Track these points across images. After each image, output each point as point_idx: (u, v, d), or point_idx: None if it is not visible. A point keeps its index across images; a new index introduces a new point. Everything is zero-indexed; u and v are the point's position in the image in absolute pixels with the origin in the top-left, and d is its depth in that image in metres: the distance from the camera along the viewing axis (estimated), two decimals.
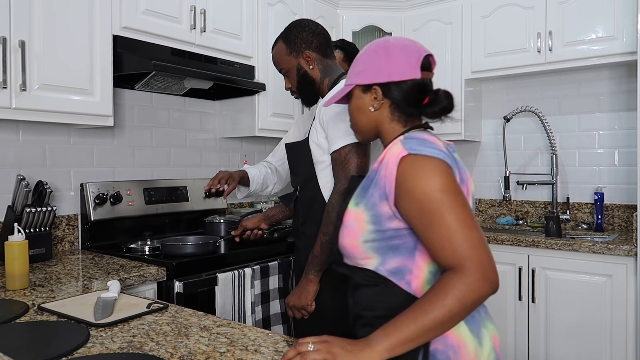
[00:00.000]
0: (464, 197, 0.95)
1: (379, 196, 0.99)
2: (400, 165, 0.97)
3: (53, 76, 1.76)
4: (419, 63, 1.07)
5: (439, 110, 1.08)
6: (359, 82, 1.11)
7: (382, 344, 0.86)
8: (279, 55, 1.73)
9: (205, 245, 2.00)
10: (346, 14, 3.15)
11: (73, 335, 1.05)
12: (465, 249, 0.90)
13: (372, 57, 1.10)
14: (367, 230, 1.01)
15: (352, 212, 1.04)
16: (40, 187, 1.88)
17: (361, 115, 1.14)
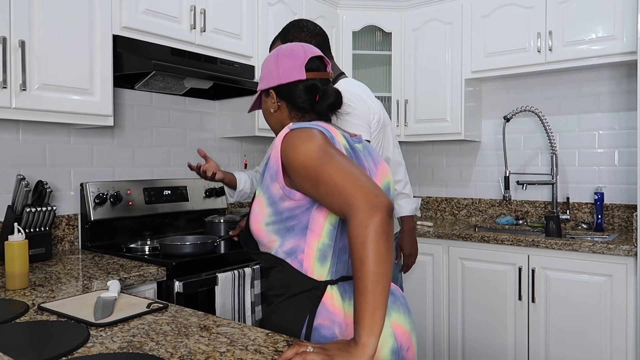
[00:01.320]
0: (340, 152, 1.03)
1: (270, 177, 1.07)
2: (283, 141, 1.05)
3: (53, 76, 1.76)
4: (303, 65, 1.17)
5: (327, 107, 1.19)
6: (260, 87, 1.25)
7: (362, 333, 0.89)
8: None
9: (205, 245, 2.00)
10: (346, 13, 3.15)
11: (73, 335, 1.05)
12: (348, 187, 0.94)
13: (267, 64, 1.22)
14: (266, 213, 1.08)
15: (256, 197, 1.12)
16: (40, 186, 1.88)
17: (268, 117, 1.26)
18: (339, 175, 0.96)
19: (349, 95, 1.57)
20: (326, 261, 1.07)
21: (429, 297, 2.80)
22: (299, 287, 1.08)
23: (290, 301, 1.09)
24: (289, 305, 1.09)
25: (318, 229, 1.06)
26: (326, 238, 1.06)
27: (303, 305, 1.07)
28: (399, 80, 3.22)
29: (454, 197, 3.39)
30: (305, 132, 1.05)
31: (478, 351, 2.63)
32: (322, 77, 1.20)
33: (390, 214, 0.92)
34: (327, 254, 1.07)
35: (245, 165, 2.99)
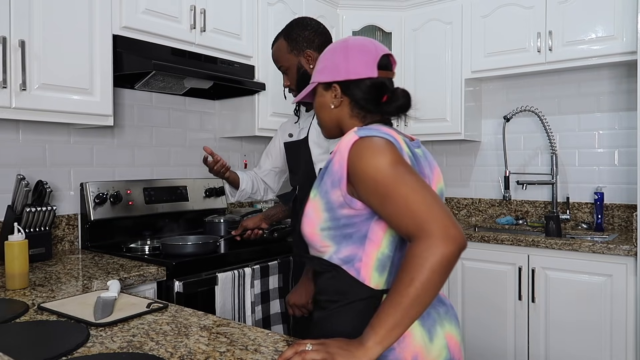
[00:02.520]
0: (412, 169, 0.98)
1: (331, 183, 1.02)
2: (352, 149, 1.00)
3: (53, 76, 1.76)
4: (376, 62, 1.11)
5: (395, 109, 1.12)
6: (320, 80, 1.15)
7: (372, 339, 0.88)
8: (280, 53, 1.73)
9: (205, 245, 2.00)
10: (346, 13, 3.15)
11: (73, 335, 1.05)
12: (423, 212, 0.90)
13: (332, 56, 1.14)
14: (322, 218, 1.04)
15: (310, 200, 1.07)
16: (40, 186, 1.88)
17: (323, 112, 1.17)
18: (413, 198, 0.92)
19: None
20: (384, 271, 1.03)
21: None
22: (355, 295, 1.03)
23: (347, 308, 1.04)
24: (347, 312, 1.04)
25: (378, 239, 1.02)
26: (386, 249, 1.02)
27: (361, 313, 1.02)
28: (399, 80, 3.19)
29: (454, 196, 3.39)
30: (376, 143, 0.99)
31: (478, 351, 2.63)
32: (390, 76, 1.16)
33: (461, 251, 0.90)
34: (386, 265, 1.03)
35: (245, 165, 2.99)
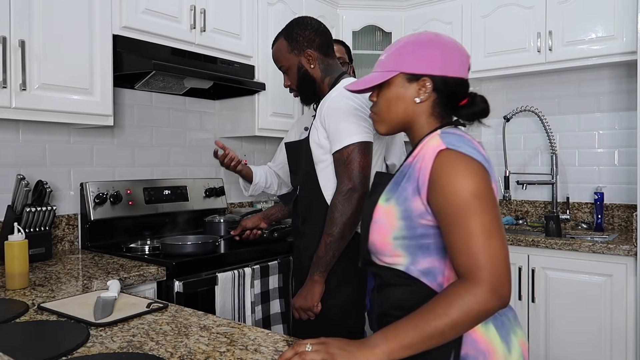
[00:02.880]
0: (495, 205, 0.92)
1: (412, 191, 0.96)
2: (437, 159, 0.93)
3: (53, 76, 1.76)
4: (468, 63, 1.09)
5: (471, 114, 1.08)
6: (407, 70, 1.04)
7: (381, 347, 0.85)
8: (280, 53, 1.72)
9: (205, 245, 2.00)
10: (346, 13, 3.15)
11: (73, 335, 1.05)
12: (482, 258, 0.86)
13: (425, 48, 1.05)
14: (397, 226, 0.98)
15: (382, 207, 1.01)
16: (40, 186, 1.88)
17: (399, 105, 1.06)
18: (479, 239, 0.87)
19: (350, 95, 1.57)
20: None
21: None
22: None
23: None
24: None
25: None
26: None
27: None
28: None
29: None
30: (466, 162, 0.93)
31: None
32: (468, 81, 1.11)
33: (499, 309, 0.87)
34: None
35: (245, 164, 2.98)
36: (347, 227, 1.52)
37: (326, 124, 1.58)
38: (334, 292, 1.58)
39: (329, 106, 1.59)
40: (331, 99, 1.60)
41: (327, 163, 1.61)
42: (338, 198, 1.53)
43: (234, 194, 2.92)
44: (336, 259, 1.55)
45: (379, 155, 1.66)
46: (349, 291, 1.60)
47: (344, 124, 1.54)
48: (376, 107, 1.11)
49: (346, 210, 1.51)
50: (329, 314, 1.58)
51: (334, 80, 1.69)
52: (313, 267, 1.57)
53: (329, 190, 1.61)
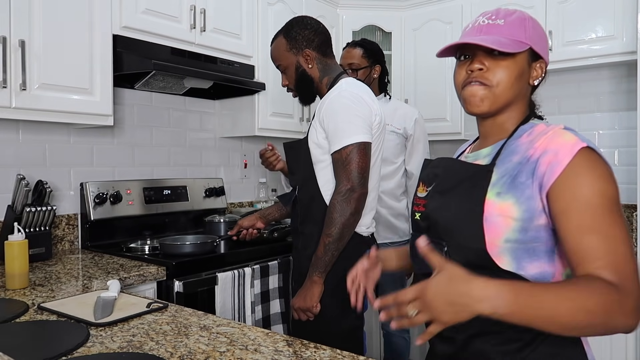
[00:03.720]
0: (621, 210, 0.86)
1: (539, 186, 0.86)
2: (578, 156, 0.84)
3: (53, 75, 1.76)
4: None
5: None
6: (536, 46, 0.95)
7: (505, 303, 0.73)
8: (278, 51, 1.72)
9: (205, 245, 2.00)
10: (346, 13, 3.15)
11: (73, 335, 1.05)
12: (630, 270, 0.79)
13: (540, 27, 0.98)
14: (512, 227, 0.87)
15: (495, 203, 0.89)
16: (40, 186, 1.88)
17: (519, 82, 0.95)
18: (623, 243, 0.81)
19: (349, 95, 1.57)
20: None
21: None
22: None
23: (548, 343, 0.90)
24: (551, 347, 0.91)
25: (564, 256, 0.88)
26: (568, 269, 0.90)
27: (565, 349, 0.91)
28: (399, 80, 3.22)
29: None
30: (607, 166, 0.86)
31: None
32: None
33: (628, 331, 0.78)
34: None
35: (245, 165, 2.99)
36: (345, 228, 1.53)
37: (325, 124, 1.58)
38: (333, 291, 1.58)
39: (327, 106, 1.59)
40: (330, 99, 1.60)
41: (326, 163, 1.61)
42: (337, 198, 1.53)
43: (234, 194, 2.92)
44: (335, 259, 1.55)
45: (377, 156, 1.66)
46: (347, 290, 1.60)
47: (343, 124, 1.54)
48: (489, 78, 0.94)
49: (345, 210, 1.51)
50: (328, 314, 1.58)
51: (332, 80, 1.69)
52: (312, 267, 1.57)
53: (328, 190, 1.61)
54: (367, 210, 1.64)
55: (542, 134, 0.90)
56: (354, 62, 2.31)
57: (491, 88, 0.94)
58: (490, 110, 0.96)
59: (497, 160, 0.93)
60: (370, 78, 2.33)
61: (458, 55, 1.03)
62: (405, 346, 2.43)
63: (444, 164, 1.05)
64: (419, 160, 2.32)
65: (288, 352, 0.99)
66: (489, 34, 0.94)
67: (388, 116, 2.33)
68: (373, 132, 1.59)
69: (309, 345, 1.02)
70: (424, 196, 1.03)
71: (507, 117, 0.98)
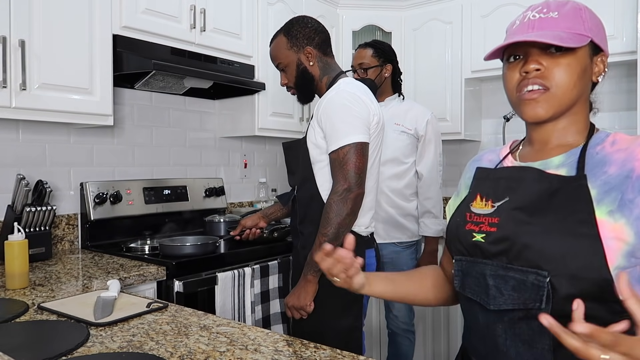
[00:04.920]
0: None
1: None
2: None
3: (53, 75, 1.76)
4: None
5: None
6: (596, 39, 0.84)
7: None
8: (279, 50, 1.72)
9: (205, 245, 2.00)
10: (346, 13, 3.15)
11: (73, 335, 1.05)
12: None
13: (598, 20, 0.86)
14: (622, 252, 0.74)
15: (608, 224, 0.75)
16: (40, 186, 1.88)
17: (582, 81, 0.84)
18: None
19: (347, 95, 1.57)
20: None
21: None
22: None
23: None
24: None
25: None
26: None
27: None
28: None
29: None
30: None
31: None
32: None
33: None
34: None
35: (245, 165, 2.99)
36: (341, 228, 1.53)
37: (322, 124, 1.58)
38: (331, 291, 1.58)
39: (325, 106, 1.59)
40: (328, 99, 1.60)
41: (324, 163, 1.61)
42: (333, 198, 1.53)
43: (234, 193, 2.93)
44: None
45: (376, 156, 1.66)
46: (347, 290, 1.60)
47: (340, 124, 1.54)
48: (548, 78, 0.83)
49: (341, 210, 1.51)
50: (327, 313, 1.58)
51: (331, 79, 1.69)
52: (307, 266, 1.57)
53: (326, 190, 1.61)
54: (366, 210, 1.64)
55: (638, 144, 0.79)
56: (364, 62, 2.32)
57: (552, 90, 0.83)
58: (553, 115, 0.85)
59: (588, 172, 0.80)
60: (381, 77, 2.33)
61: (507, 57, 0.90)
62: (410, 347, 2.43)
63: (507, 175, 0.89)
64: (430, 162, 2.32)
65: (288, 352, 0.99)
66: (543, 29, 0.83)
67: (400, 116, 2.33)
68: (371, 132, 1.59)
69: (309, 345, 1.02)
70: (490, 213, 0.86)
71: (571, 120, 0.87)
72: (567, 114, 0.86)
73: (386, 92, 2.38)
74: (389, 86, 2.38)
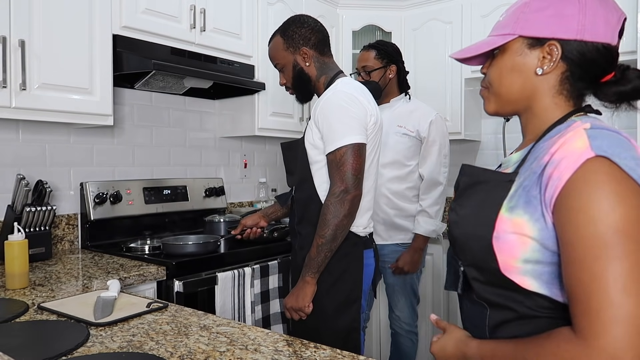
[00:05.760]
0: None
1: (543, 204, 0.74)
2: (580, 170, 0.69)
3: (53, 75, 1.76)
4: (619, 25, 0.80)
5: (631, 91, 0.80)
6: (526, 32, 0.82)
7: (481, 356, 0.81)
8: (275, 50, 1.73)
9: (205, 245, 2.00)
10: (346, 13, 3.15)
11: (73, 335, 1.05)
12: (601, 317, 0.64)
13: (554, 2, 0.80)
14: (530, 247, 0.75)
15: (506, 219, 0.77)
16: (40, 186, 1.88)
17: (515, 77, 0.85)
18: (611, 293, 0.64)
19: (343, 96, 1.57)
20: None
21: (428, 293, 2.80)
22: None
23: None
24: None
25: None
26: None
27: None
28: None
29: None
30: (621, 181, 0.67)
31: None
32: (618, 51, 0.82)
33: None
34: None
35: (245, 164, 2.99)
36: (339, 229, 1.52)
37: (319, 125, 1.58)
38: (329, 292, 1.58)
39: (322, 107, 1.58)
40: (325, 99, 1.59)
41: (322, 164, 1.61)
42: (330, 200, 1.53)
43: (234, 193, 2.93)
44: (328, 259, 1.55)
45: (373, 157, 1.66)
46: (345, 289, 1.60)
47: (338, 125, 1.53)
48: (486, 80, 0.90)
49: (338, 212, 1.51)
50: (325, 313, 1.58)
51: (329, 79, 1.69)
52: (305, 268, 1.57)
53: (324, 190, 1.60)
54: (364, 211, 1.64)
55: (565, 135, 0.76)
56: (367, 64, 2.30)
57: (487, 90, 0.91)
58: (498, 111, 0.90)
59: (521, 169, 0.81)
60: (385, 79, 2.30)
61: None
62: (412, 347, 2.42)
63: (469, 172, 0.93)
64: (432, 164, 2.27)
65: (288, 351, 0.99)
66: (491, 33, 0.89)
67: (403, 118, 2.30)
68: (368, 133, 1.59)
69: (309, 345, 1.02)
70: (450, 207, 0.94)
71: (535, 114, 0.86)
72: (526, 111, 0.88)
73: (392, 93, 2.36)
74: (394, 87, 2.36)
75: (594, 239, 0.67)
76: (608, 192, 0.67)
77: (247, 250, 2.07)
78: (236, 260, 2.02)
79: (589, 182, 0.68)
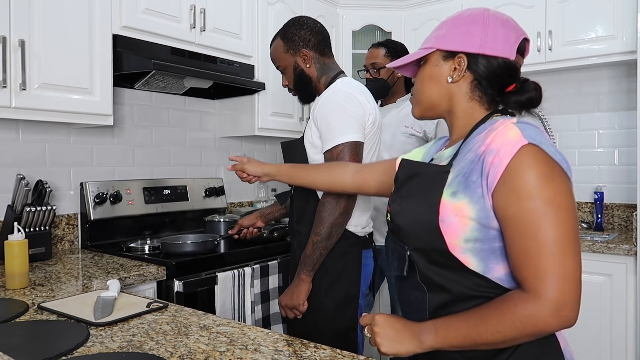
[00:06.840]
0: (574, 216, 0.81)
1: (487, 186, 0.85)
2: (517, 155, 0.82)
3: (53, 75, 1.76)
4: (517, 43, 0.94)
5: (526, 101, 0.94)
6: (442, 46, 0.97)
7: (429, 342, 0.87)
8: (276, 53, 1.73)
9: (205, 245, 2.00)
10: (346, 13, 3.15)
11: (73, 335, 1.05)
12: (550, 277, 0.78)
13: (465, 23, 0.96)
14: (470, 227, 0.86)
15: (450, 204, 0.87)
16: (40, 186, 1.88)
17: (432, 85, 1.00)
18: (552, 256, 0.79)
19: (342, 95, 1.57)
20: None
21: None
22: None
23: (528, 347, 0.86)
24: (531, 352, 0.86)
25: None
26: None
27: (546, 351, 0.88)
28: None
29: None
30: (548, 164, 0.82)
31: None
32: (521, 64, 0.97)
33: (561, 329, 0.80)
34: None
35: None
36: (334, 227, 1.53)
37: (318, 123, 1.58)
38: (327, 290, 1.58)
39: (321, 105, 1.59)
40: (324, 98, 1.60)
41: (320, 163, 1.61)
42: (326, 198, 1.53)
43: (233, 193, 2.93)
44: (323, 257, 1.55)
45: (371, 156, 1.66)
46: (343, 289, 1.60)
47: (335, 123, 1.54)
48: (413, 88, 1.06)
49: (334, 210, 1.51)
50: (322, 314, 1.58)
51: (330, 79, 1.69)
52: (300, 265, 1.57)
53: None
54: (363, 210, 1.65)
55: (494, 129, 0.89)
56: (376, 62, 2.31)
57: (413, 97, 1.05)
58: (423, 115, 1.05)
59: (454, 161, 0.93)
60: (393, 77, 2.31)
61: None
62: None
63: (407, 165, 1.05)
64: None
65: (288, 351, 0.99)
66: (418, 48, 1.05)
67: (410, 118, 2.28)
68: (366, 132, 1.59)
69: (309, 345, 1.02)
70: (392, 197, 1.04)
71: (456, 117, 1.00)
72: (449, 114, 1.01)
73: (399, 93, 2.37)
74: (401, 86, 2.37)
75: (534, 212, 0.80)
76: (540, 172, 0.81)
77: (247, 250, 2.07)
78: (236, 260, 2.02)
79: (525, 165, 0.81)
